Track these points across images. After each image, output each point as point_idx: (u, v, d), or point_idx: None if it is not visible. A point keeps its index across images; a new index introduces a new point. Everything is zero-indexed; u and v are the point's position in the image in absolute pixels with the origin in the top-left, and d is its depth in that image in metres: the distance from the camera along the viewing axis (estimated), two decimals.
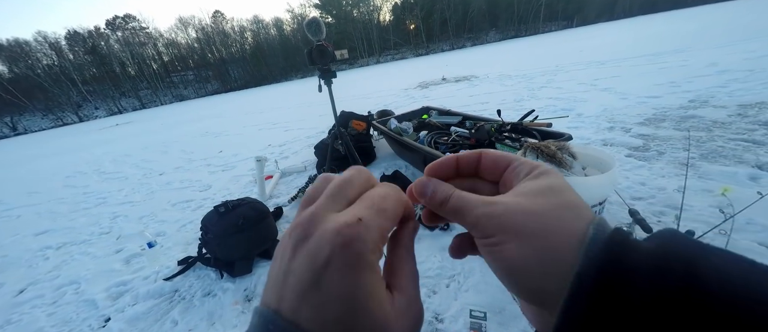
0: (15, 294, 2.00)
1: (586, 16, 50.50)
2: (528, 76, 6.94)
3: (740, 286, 0.13)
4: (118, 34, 46.91)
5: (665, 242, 0.15)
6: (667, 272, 0.14)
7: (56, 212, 3.53)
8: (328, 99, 2.03)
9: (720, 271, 0.14)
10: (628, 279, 0.14)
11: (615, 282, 0.14)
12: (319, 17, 1.84)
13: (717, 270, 0.14)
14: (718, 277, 0.13)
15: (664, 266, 0.14)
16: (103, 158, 6.71)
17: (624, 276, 0.14)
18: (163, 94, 48.37)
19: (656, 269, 0.14)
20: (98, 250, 2.37)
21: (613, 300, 0.14)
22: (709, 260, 0.14)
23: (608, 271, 0.14)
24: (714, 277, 0.13)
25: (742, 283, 0.13)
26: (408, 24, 55.78)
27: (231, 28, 54.18)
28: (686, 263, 0.14)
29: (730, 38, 7.11)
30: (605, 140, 2.65)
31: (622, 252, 0.15)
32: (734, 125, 2.47)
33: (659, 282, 0.14)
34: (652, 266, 0.14)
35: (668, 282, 0.14)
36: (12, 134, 35.82)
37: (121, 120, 22.31)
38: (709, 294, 0.13)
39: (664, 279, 0.14)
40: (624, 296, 0.14)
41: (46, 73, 40.62)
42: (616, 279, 0.14)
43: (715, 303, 0.13)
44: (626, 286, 0.14)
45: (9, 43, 39.28)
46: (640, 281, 0.14)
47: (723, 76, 3.91)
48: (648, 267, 0.14)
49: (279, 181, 3.05)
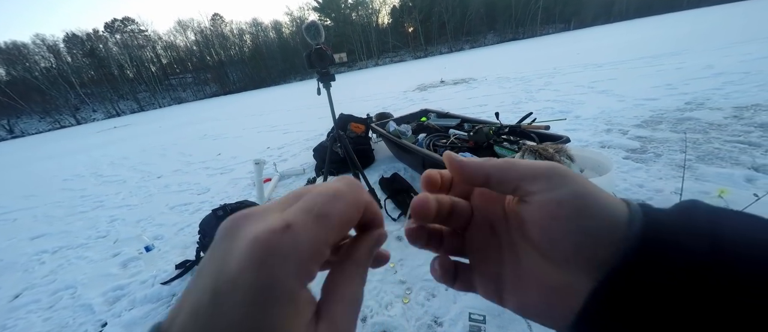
0: (10, 299, 1.98)
1: (583, 19, 50.90)
2: (526, 79, 6.98)
3: (759, 243, 0.14)
4: (117, 36, 46.87)
5: (688, 211, 0.16)
6: (694, 239, 0.15)
7: (53, 215, 3.50)
8: (326, 102, 2.03)
9: (739, 231, 0.15)
10: (664, 251, 0.15)
11: (655, 258, 0.15)
12: (318, 20, 1.84)
13: (736, 230, 0.15)
14: (739, 238, 0.14)
15: (692, 233, 0.15)
16: (101, 161, 6.68)
17: (661, 250, 0.15)
18: (161, 96, 48.28)
19: (685, 237, 0.15)
20: (95, 254, 2.36)
21: (652, 275, 0.14)
22: (731, 220, 0.15)
23: (648, 248, 0.15)
24: (735, 238, 0.15)
25: (761, 240, 0.14)
26: (406, 27, 56.03)
27: (230, 31, 54.26)
28: (711, 227, 0.15)
29: (725, 41, 7.18)
30: (603, 143, 2.66)
31: (656, 226, 0.16)
32: (730, 127, 2.49)
33: (689, 250, 0.15)
34: (681, 234, 0.15)
35: (697, 250, 0.14)
36: (9, 137, 35.60)
37: (119, 123, 22.23)
38: (734, 254, 0.14)
39: (692, 248, 0.15)
40: (662, 268, 0.14)
41: (44, 76, 40.49)
42: (656, 255, 0.15)
43: (740, 263, 0.14)
44: (663, 259, 0.15)
45: (7, 46, 39.17)
46: (672, 251, 0.15)
47: (719, 79, 3.94)
48: (678, 237, 0.15)
49: (278, 184, 3.04)
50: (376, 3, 55.68)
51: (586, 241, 0.16)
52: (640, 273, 0.15)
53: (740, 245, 0.14)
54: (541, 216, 0.18)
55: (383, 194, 2.32)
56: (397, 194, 2.22)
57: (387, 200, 2.22)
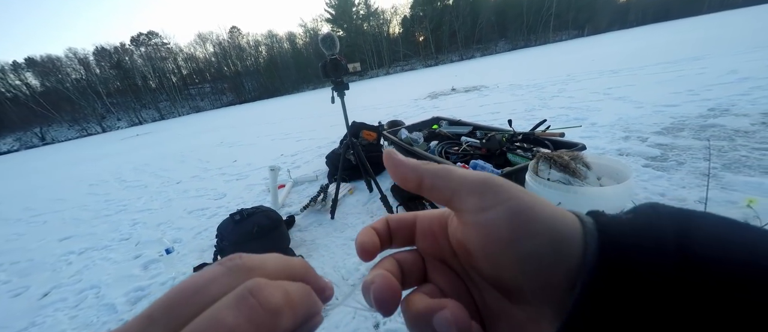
0: (40, 297, 2.09)
1: (597, 25, 50.03)
2: (539, 86, 6.89)
3: (728, 244, 0.14)
4: (142, 49, 49.42)
5: (649, 215, 0.16)
6: (660, 245, 0.14)
7: (79, 218, 3.68)
8: (338, 110, 2.07)
9: (706, 232, 0.14)
10: (631, 252, 0.14)
11: (619, 272, 0.14)
12: (332, 31, 1.91)
13: (702, 230, 0.14)
14: (705, 239, 0.14)
15: (657, 237, 0.14)
16: (124, 167, 6.99)
17: (623, 254, 0.14)
18: (180, 105, 50.27)
19: (650, 241, 0.14)
20: (118, 255, 2.46)
21: (620, 286, 0.14)
22: (695, 223, 0.15)
23: (610, 266, 0.14)
24: (701, 239, 0.14)
25: (729, 241, 0.14)
26: (417, 36, 56.58)
27: (246, 42, 56.28)
28: (675, 230, 0.14)
29: (749, 45, 6.89)
30: (621, 150, 2.59)
31: (615, 236, 0.15)
32: (758, 134, 2.38)
33: (654, 250, 0.14)
34: (645, 238, 0.14)
35: (664, 257, 0.14)
36: (40, 144, 37.79)
37: (141, 131, 23.25)
38: (702, 257, 0.13)
39: (662, 246, 0.14)
40: (629, 279, 0.14)
41: (74, 87, 42.98)
42: (620, 267, 0.14)
43: (711, 263, 0.13)
44: (632, 258, 0.14)
45: (42, 59, 41.95)
46: (643, 250, 0.14)
47: (744, 84, 3.78)
48: (642, 244, 0.14)
49: (291, 190, 3.10)
50: (387, 13, 56.65)
51: (532, 265, 0.15)
52: (606, 296, 0.14)
53: (708, 247, 0.14)
54: (480, 241, 0.17)
55: (395, 201, 2.33)
56: (409, 201, 2.22)
57: (399, 207, 2.23)
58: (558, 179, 1.41)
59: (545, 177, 1.44)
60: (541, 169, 1.48)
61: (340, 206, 2.47)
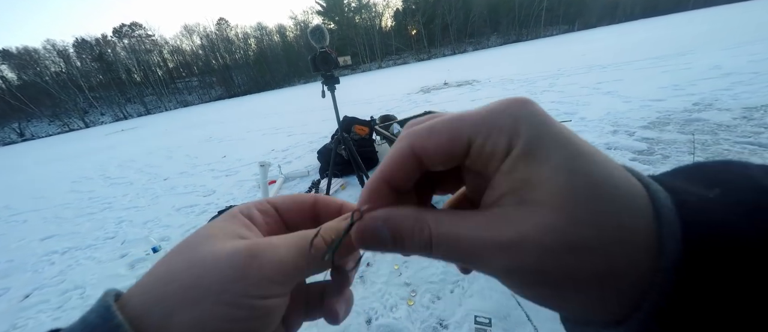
0: (21, 298, 2.02)
1: (587, 20, 50.65)
2: (530, 80, 6.95)
3: None
4: (125, 41, 47.74)
5: (745, 191, 0.12)
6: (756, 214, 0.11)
7: (62, 217, 3.56)
8: (330, 104, 2.04)
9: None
10: (716, 239, 0.11)
11: (708, 252, 0.11)
12: (322, 24, 1.86)
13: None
14: None
15: (742, 212, 0.11)
16: (109, 163, 6.78)
17: (712, 238, 0.11)
18: (167, 100, 48.95)
19: (736, 219, 0.11)
20: (103, 255, 2.39)
21: (711, 269, 0.11)
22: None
23: (695, 239, 0.11)
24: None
25: None
26: (410, 29, 56.25)
27: (235, 35, 54.95)
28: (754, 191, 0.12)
29: (733, 41, 7.08)
30: (609, 144, 2.64)
31: (697, 211, 0.12)
32: (740, 128, 2.45)
33: (756, 226, 0.11)
34: (732, 217, 0.11)
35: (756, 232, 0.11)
36: (19, 140, 36.34)
37: (126, 126, 22.58)
38: None
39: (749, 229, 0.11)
40: (720, 259, 0.11)
41: (54, 80, 41.35)
42: (708, 245, 0.11)
43: None
44: (719, 248, 0.11)
45: (18, 51, 40.11)
46: (727, 238, 0.11)
47: (727, 79, 3.89)
48: (728, 219, 0.11)
49: (282, 186, 3.06)
50: (380, 6, 56.07)
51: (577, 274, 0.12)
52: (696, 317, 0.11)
53: None
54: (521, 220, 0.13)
55: None
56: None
57: None
58: None
59: None
60: None
61: None
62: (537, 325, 1.13)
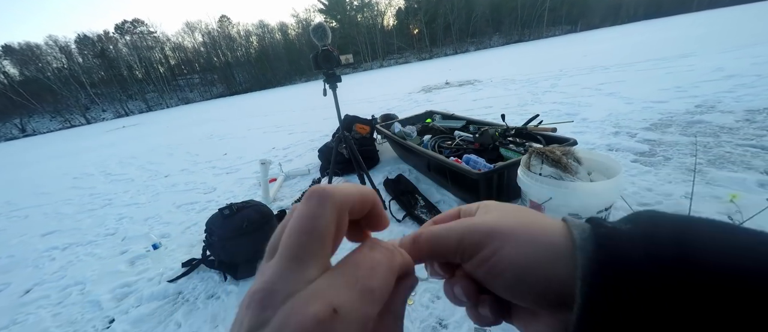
0: (21, 294, 2.02)
1: (590, 21, 50.40)
2: (532, 81, 6.93)
3: (727, 248, 0.14)
4: (127, 38, 47.69)
5: (648, 222, 0.16)
6: (660, 250, 0.14)
7: (63, 213, 3.57)
8: (331, 103, 2.03)
9: (706, 237, 0.15)
10: (630, 268, 0.14)
11: (618, 275, 0.14)
12: (324, 22, 1.86)
13: (701, 236, 0.15)
14: (705, 244, 0.14)
15: (656, 245, 0.15)
16: (110, 159, 6.79)
17: (626, 267, 0.15)
18: (169, 97, 48.94)
19: (647, 249, 0.15)
20: (104, 251, 2.40)
21: (622, 293, 0.14)
22: (695, 228, 0.15)
23: (607, 264, 0.15)
24: (701, 244, 0.14)
25: (728, 245, 0.14)
26: (411, 28, 56.07)
27: (237, 32, 54.83)
28: (674, 238, 0.15)
29: (736, 43, 7.04)
30: (610, 145, 2.63)
31: (615, 245, 0.15)
32: (742, 131, 2.44)
33: (653, 260, 0.14)
34: (642, 246, 0.15)
35: (666, 262, 0.14)
36: (21, 136, 36.40)
37: (127, 122, 22.59)
38: (700, 262, 0.14)
39: (660, 259, 0.14)
40: (632, 285, 0.14)
41: (56, 76, 41.35)
42: (621, 274, 0.14)
43: (709, 267, 0.13)
44: (631, 275, 0.14)
45: (21, 47, 40.11)
46: (641, 265, 0.14)
47: (730, 81, 3.87)
48: (639, 250, 0.15)
49: (283, 184, 3.06)
50: (382, 5, 55.88)
51: (523, 296, 0.18)
52: (606, 308, 0.14)
53: (709, 252, 0.14)
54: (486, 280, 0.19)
55: (388, 195, 2.32)
56: (402, 195, 2.22)
57: (391, 201, 2.22)
58: (550, 174, 1.41)
59: (537, 172, 1.44)
60: (533, 164, 1.48)
61: None
62: None
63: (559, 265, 0.16)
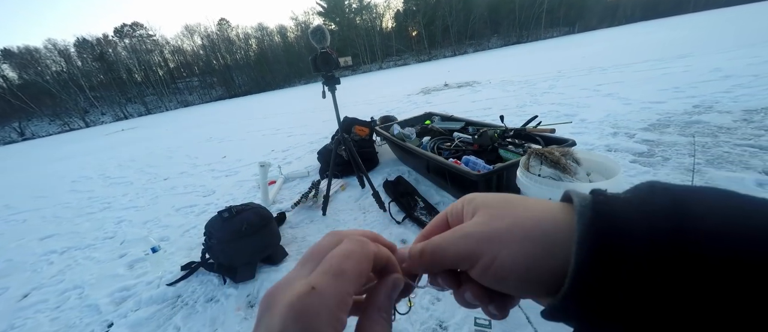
0: (19, 298, 2.01)
1: (587, 22, 50.68)
2: (530, 82, 6.95)
3: (723, 216, 0.14)
4: (126, 41, 47.73)
5: (646, 190, 0.16)
6: (655, 214, 0.15)
7: (61, 216, 3.55)
8: (330, 105, 2.04)
9: (703, 204, 0.15)
10: (624, 231, 0.15)
11: (614, 241, 0.15)
12: (323, 25, 1.86)
13: (700, 204, 0.15)
14: (704, 212, 0.14)
15: (652, 210, 0.15)
16: (109, 163, 6.78)
17: (620, 231, 0.15)
18: (168, 100, 48.94)
19: (645, 214, 0.15)
20: (102, 255, 2.38)
21: (615, 256, 0.14)
22: (694, 196, 0.15)
23: (605, 230, 0.15)
24: (700, 212, 0.14)
25: (725, 213, 0.14)
26: (410, 31, 56.28)
27: (236, 35, 54.95)
28: (672, 202, 0.15)
29: (733, 43, 7.09)
30: (609, 146, 2.63)
31: (611, 210, 0.16)
32: (740, 131, 2.45)
33: (651, 225, 0.14)
34: (641, 212, 0.15)
35: (660, 225, 0.14)
36: (20, 139, 36.32)
37: (126, 125, 22.57)
38: (696, 230, 0.14)
39: (655, 223, 0.14)
40: (625, 248, 0.14)
41: (55, 80, 41.32)
42: (615, 237, 0.15)
43: (705, 235, 0.13)
44: (625, 238, 0.15)
45: (20, 51, 40.09)
46: (635, 229, 0.15)
47: (727, 82, 3.89)
48: (639, 214, 0.15)
49: (282, 186, 3.05)
50: (380, 7, 56.15)
51: (542, 278, 0.17)
52: (597, 276, 0.14)
53: (707, 219, 0.14)
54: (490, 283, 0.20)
55: (387, 197, 2.32)
56: (402, 197, 2.22)
57: (391, 203, 2.22)
58: (549, 175, 1.41)
59: (536, 173, 1.44)
60: (532, 165, 1.48)
61: (331, 202, 2.44)
62: (537, 327, 1.13)
63: (558, 254, 0.17)
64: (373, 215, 2.16)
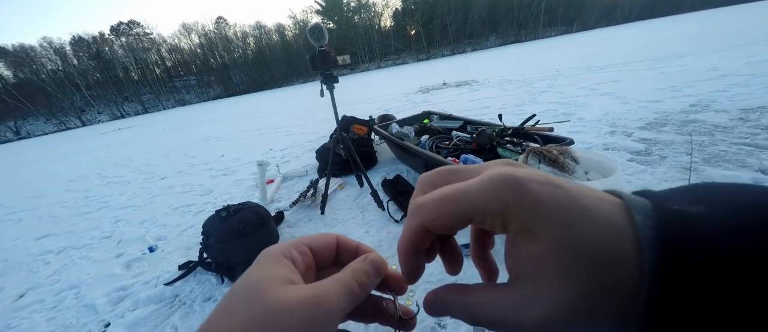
0: (15, 298, 1.99)
1: (585, 22, 50.87)
2: (528, 81, 6.96)
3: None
4: (123, 39, 47.42)
5: (724, 209, 0.13)
6: (738, 232, 0.12)
7: (58, 216, 3.53)
8: (329, 104, 2.03)
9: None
10: (702, 251, 0.12)
11: (692, 262, 0.12)
12: (322, 23, 1.85)
13: None
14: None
15: (732, 224, 0.12)
16: (105, 162, 6.74)
17: (698, 251, 0.12)
18: (165, 98, 48.70)
19: (725, 234, 0.12)
20: (99, 254, 2.37)
21: (694, 275, 0.12)
22: None
23: (679, 252, 0.13)
24: None
25: None
26: (409, 29, 56.27)
27: (234, 33, 54.73)
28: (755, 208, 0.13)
29: (730, 43, 7.13)
30: (607, 145, 2.64)
31: (680, 226, 0.13)
32: (736, 129, 2.46)
33: (736, 244, 0.12)
34: (719, 232, 0.13)
35: (746, 241, 0.12)
36: (15, 139, 36.04)
37: (123, 124, 22.44)
38: None
39: (739, 239, 0.12)
40: (705, 267, 0.12)
41: (51, 78, 41.01)
42: (692, 259, 0.12)
43: None
44: (703, 258, 0.12)
45: (14, 49, 39.75)
46: (714, 250, 0.12)
47: (724, 81, 3.91)
48: (716, 234, 0.13)
49: (280, 185, 3.05)
50: (379, 6, 56.05)
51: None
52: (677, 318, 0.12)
53: None
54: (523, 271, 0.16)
55: (386, 196, 2.32)
56: (400, 195, 2.21)
57: (390, 201, 2.22)
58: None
59: None
60: (530, 163, 1.49)
61: (330, 201, 2.44)
62: None
63: (627, 249, 0.14)
64: (372, 214, 2.16)
